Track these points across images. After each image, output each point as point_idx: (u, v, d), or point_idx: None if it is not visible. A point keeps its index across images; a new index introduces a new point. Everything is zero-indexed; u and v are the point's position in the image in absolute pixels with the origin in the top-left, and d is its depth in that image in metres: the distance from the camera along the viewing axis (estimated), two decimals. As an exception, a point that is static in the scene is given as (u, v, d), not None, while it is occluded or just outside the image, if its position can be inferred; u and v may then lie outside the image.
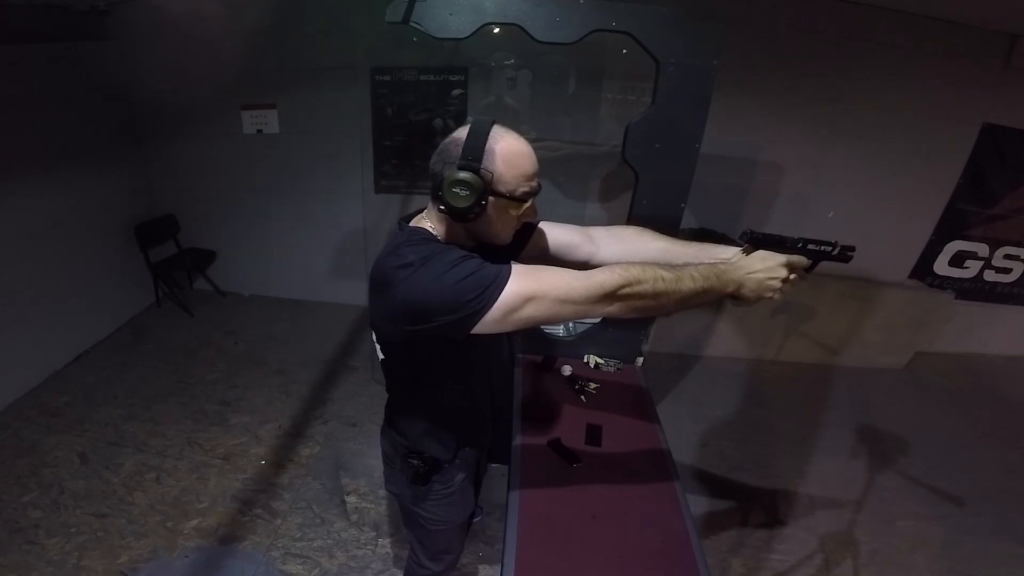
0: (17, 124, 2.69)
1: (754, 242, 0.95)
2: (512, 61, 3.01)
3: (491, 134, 0.92)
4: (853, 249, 0.94)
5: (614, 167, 3.17)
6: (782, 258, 0.97)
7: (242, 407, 2.83)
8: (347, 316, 3.71)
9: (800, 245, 0.94)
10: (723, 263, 1.00)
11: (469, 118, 0.93)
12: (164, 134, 3.54)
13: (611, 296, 0.91)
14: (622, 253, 1.17)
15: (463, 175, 0.90)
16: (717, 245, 1.15)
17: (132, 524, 2.12)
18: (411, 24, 1.40)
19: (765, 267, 0.97)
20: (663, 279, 0.92)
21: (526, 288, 0.89)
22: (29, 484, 2.28)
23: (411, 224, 1.04)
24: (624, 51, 2.57)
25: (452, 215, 0.94)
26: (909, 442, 2.74)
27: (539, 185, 0.98)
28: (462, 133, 0.93)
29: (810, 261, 0.96)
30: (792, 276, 0.98)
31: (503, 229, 1.00)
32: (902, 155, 3.05)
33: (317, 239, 3.72)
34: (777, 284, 0.97)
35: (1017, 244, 3.32)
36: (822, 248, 0.94)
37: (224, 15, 2.96)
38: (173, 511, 2.19)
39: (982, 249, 3.34)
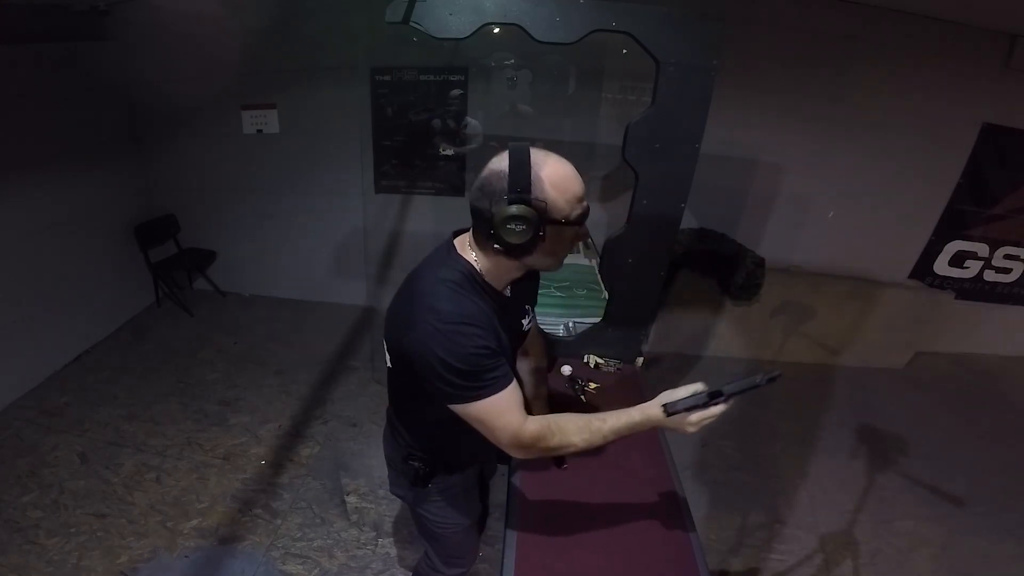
0: (17, 124, 2.69)
1: (671, 414, 0.99)
2: (512, 61, 3.01)
3: (533, 160, 0.88)
4: (779, 375, 0.96)
5: (614, 167, 3.17)
6: (693, 418, 0.98)
7: (242, 407, 2.83)
8: (347, 316, 3.70)
9: (722, 398, 0.97)
10: (639, 411, 1.01)
11: (510, 144, 0.92)
12: (164, 134, 3.54)
13: (524, 453, 0.99)
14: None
15: (516, 210, 0.86)
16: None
17: (132, 524, 2.12)
18: (411, 24, 1.39)
19: (673, 421, 0.99)
20: (574, 445, 0.99)
21: (487, 415, 0.94)
22: (29, 484, 2.28)
23: (457, 247, 1.01)
24: (624, 51, 2.57)
25: (508, 252, 0.91)
26: (909, 442, 2.74)
27: (588, 205, 0.96)
28: (502, 164, 0.89)
29: (724, 406, 0.99)
30: (707, 421, 0.99)
31: (561, 255, 0.99)
32: (902, 155, 3.05)
33: (317, 239, 3.72)
34: (692, 429, 1.00)
35: (1017, 244, 3.31)
36: (743, 391, 0.97)
37: (224, 15, 2.96)
38: (173, 511, 2.19)
39: (982, 249, 3.34)
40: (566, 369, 1.78)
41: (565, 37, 1.41)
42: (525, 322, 1.17)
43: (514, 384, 0.97)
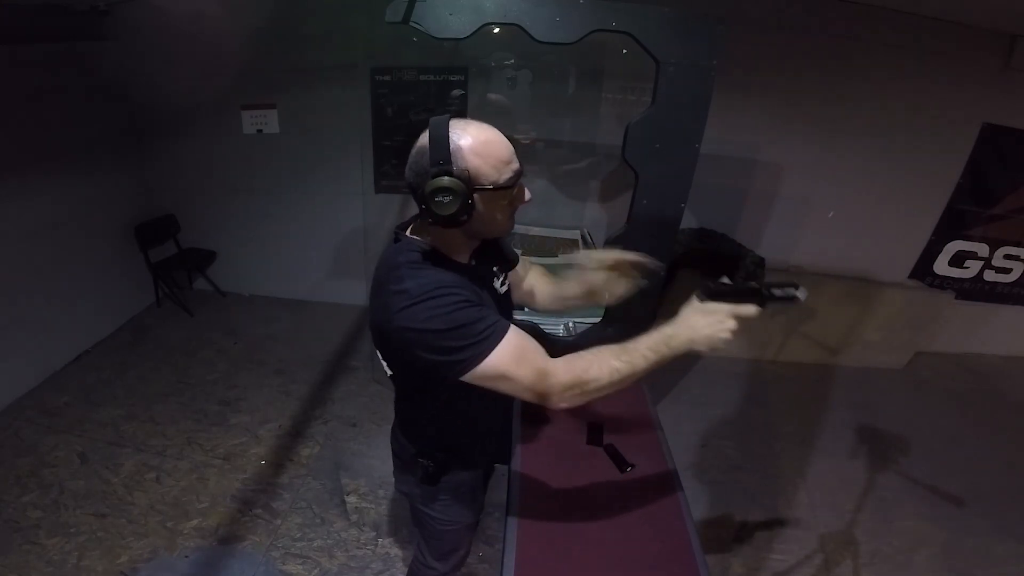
0: (17, 124, 2.69)
1: (709, 295, 0.93)
2: (512, 61, 3.01)
3: (452, 131, 0.88)
4: (803, 292, 0.93)
5: (614, 167, 3.17)
6: (727, 308, 0.94)
7: (242, 407, 2.83)
8: (347, 316, 3.71)
9: (764, 293, 0.92)
10: (668, 325, 0.98)
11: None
12: (164, 134, 3.54)
13: (571, 395, 0.95)
14: (544, 300, 1.33)
15: (440, 182, 0.86)
16: (586, 271, 1.23)
17: (132, 524, 2.12)
18: (411, 24, 1.40)
19: (710, 321, 0.95)
20: (618, 371, 0.95)
21: (504, 367, 0.91)
22: (29, 484, 2.28)
23: (407, 233, 1.02)
24: (624, 51, 2.57)
25: (443, 224, 0.91)
26: (909, 442, 2.74)
27: (521, 166, 0.95)
28: (424, 140, 0.90)
29: (758, 308, 0.94)
30: (740, 322, 0.95)
31: (500, 221, 0.98)
32: (902, 155, 3.05)
33: (317, 239, 3.71)
34: (727, 335, 0.94)
35: (1017, 244, 3.31)
36: (787, 294, 0.92)
37: (224, 15, 2.96)
38: (173, 511, 2.19)
39: (982, 249, 3.34)
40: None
41: (565, 37, 1.41)
42: (498, 284, 1.13)
43: (517, 329, 0.95)
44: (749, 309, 0.94)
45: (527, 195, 1.00)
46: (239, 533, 2.10)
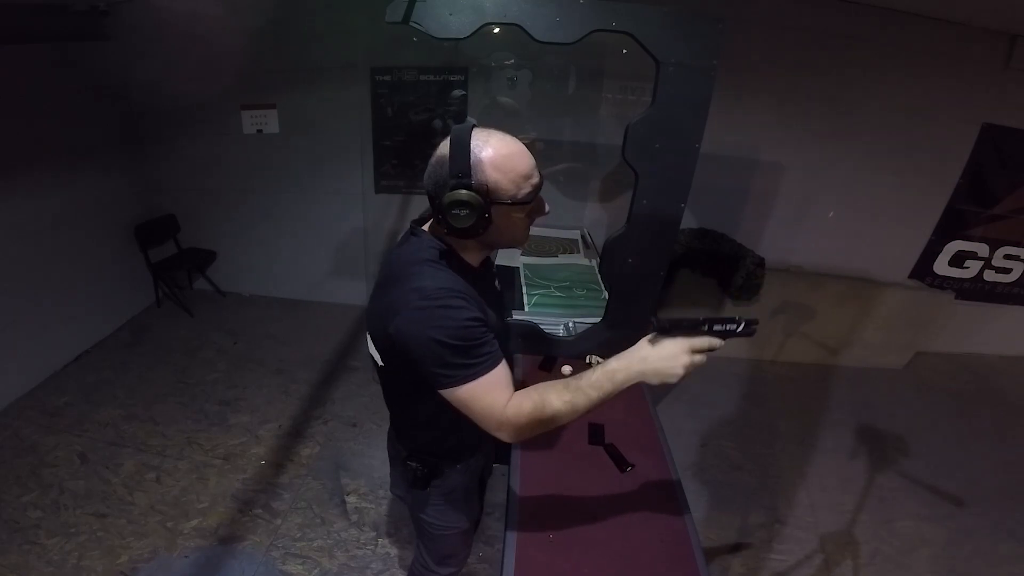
0: (17, 124, 2.69)
1: (661, 331, 0.91)
2: (512, 61, 3.01)
3: (474, 142, 0.87)
4: (756, 323, 0.91)
5: (614, 167, 3.18)
6: (684, 344, 0.90)
7: (242, 407, 2.83)
8: (347, 316, 3.70)
9: (706, 327, 0.90)
10: (615, 360, 0.94)
11: (449, 122, 0.91)
12: (164, 134, 3.54)
13: (519, 429, 0.93)
14: None
15: (458, 195, 0.86)
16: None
17: (132, 524, 2.12)
18: (411, 24, 1.39)
19: (661, 356, 0.90)
20: (560, 412, 0.93)
21: (483, 394, 0.91)
22: (29, 484, 2.28)
23: (425, 229, 1.01)
24: (624, 51, 2.58)
25: (460, 236, 0.91)
26: (909, 442, 2.74)
27: (541, 179, 0.94)
28: (444, 149, 0.89)
29: (719, 342, 0.92)
30: (697, 358, 0.91)
31: (517, 233, 0.98)
32: (902, 155, 3.05)
33: (317, 239, 3.72)
34: (679, 370, 0.90)
35: (1017, 244, 3.31)
36: (727, 327, 0.91)
37: (224, 15, 2.96)
38: (173, 511, 2.19)
39: (982, 249, 3.34)
40: (566, 369, 1.78)
41: (565, 37, 1.41)
42: (496, 282, 1.14)
43: (504, 362, 0.95)
44: (706, 341, 0.90)
45: (546, 207, 0.99)
46: (239, 533, 2.10)
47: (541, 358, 1.87)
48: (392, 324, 0.91)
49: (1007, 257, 3.36)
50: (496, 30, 1.54)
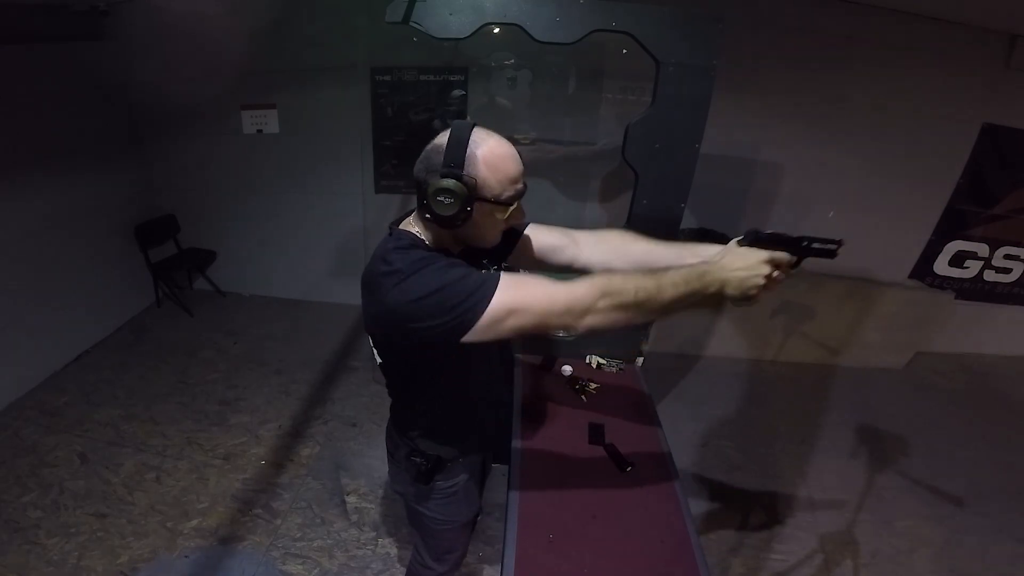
0: (17, 124, 2.69)
1: (757, 242, 0.92)
2: (512, 61, 3.00)
3: (472, 139, 0.91)
4: (841, 243, 0.93)
5: (614, 167, 3.17)
6: (764, 254, 0.93)
7: (242, 407, 2.83)
8: (347, 316, 3.70)
9: (804, 244, 0.92)
10: (704, 263, 0.97)
11: (449, 121, 0.93)
12: (164, 134, 3.54)
13: (590, 309, 0.91)
14: (605, 255, 1.17)
15: (446, 183, 0.89)
16: (699, 244, 1.14)
17: (132, 524, 2.12)
18: (411, 24, 1.40)
19: (746, 264, 0.93)
20: (644, 289, 0.91)
21: (510, 300, 0.89)
22: (29, 484, 2.28)
23: (400, 227, 1.04)
24: (624, 51, 2.57)
25: (438, 223, 0.93)
26: (909, 442, 2.74)
27: (525, 186, 0.97)
28: (443, 140, 0.92)
29: (796, 258, 0.93)
30: (775, 273, 0.94)
31: (490, 233, 1.00)
32: (902, 155, 3.05)
33: (317, 239, 3.71)
34: (759, 281, 0.93)
35: (1017, 244, 3.31)
36: (827, 247, 0.92)
37: (224, 15, 2.96)
38: (173, 511, 2.19)
39: (982, 249, 3.34)
40: (566, 369, 1.78)
41: (565, 37, 1.41)
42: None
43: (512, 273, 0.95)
44: (784, 256, 0.93)
45: (523, 216, 1.03)
46: (239, 533, 2.10)
47: (541, 359, 1.87)
48: (378, 310, 0.95)
49: (1007, 257, 3.36)
50: (496, 30, 1.54)
